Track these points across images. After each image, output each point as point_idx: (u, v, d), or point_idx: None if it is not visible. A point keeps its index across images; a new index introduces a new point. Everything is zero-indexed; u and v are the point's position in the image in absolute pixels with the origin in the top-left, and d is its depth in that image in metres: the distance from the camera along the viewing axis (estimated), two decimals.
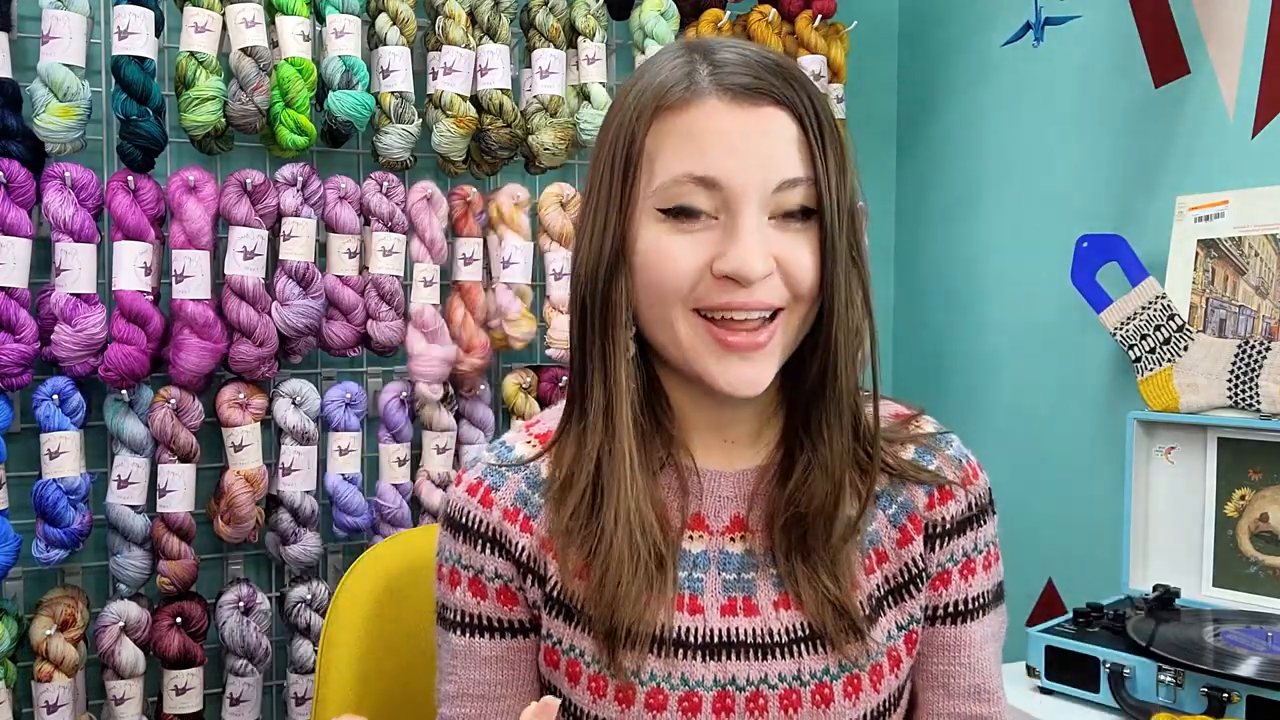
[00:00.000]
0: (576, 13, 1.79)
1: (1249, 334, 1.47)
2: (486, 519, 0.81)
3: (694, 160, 0.71)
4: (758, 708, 0.77)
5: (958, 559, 0.86)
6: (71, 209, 1.47)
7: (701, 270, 0.72)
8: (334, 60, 1.59)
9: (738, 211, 0.71)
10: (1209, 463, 1.49)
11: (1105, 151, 1.76)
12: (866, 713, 0.79)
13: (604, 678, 0.78)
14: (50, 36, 1.44)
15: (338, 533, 1.68)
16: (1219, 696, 1.16)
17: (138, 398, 1.56)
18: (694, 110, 0.72)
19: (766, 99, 0.72)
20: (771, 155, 0.71)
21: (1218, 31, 1.58)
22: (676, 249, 0.72)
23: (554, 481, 0.80)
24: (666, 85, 0.73)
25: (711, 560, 0.80)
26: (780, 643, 0.78)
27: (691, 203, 0.72)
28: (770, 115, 0.72)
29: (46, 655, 1.49)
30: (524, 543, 0.81)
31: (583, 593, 0.78)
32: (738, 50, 0.74)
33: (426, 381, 1.68)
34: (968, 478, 0.86)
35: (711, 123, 0.71)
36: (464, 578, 0.82)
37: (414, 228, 1.69)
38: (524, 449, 0.84)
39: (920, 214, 2.20)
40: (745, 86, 0.71)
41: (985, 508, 0.88)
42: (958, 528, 0.85)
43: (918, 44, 2.21)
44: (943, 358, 2.14)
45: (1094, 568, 1.77)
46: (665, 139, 0.72)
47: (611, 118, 0.77)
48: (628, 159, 0.73)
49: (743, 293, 0.72)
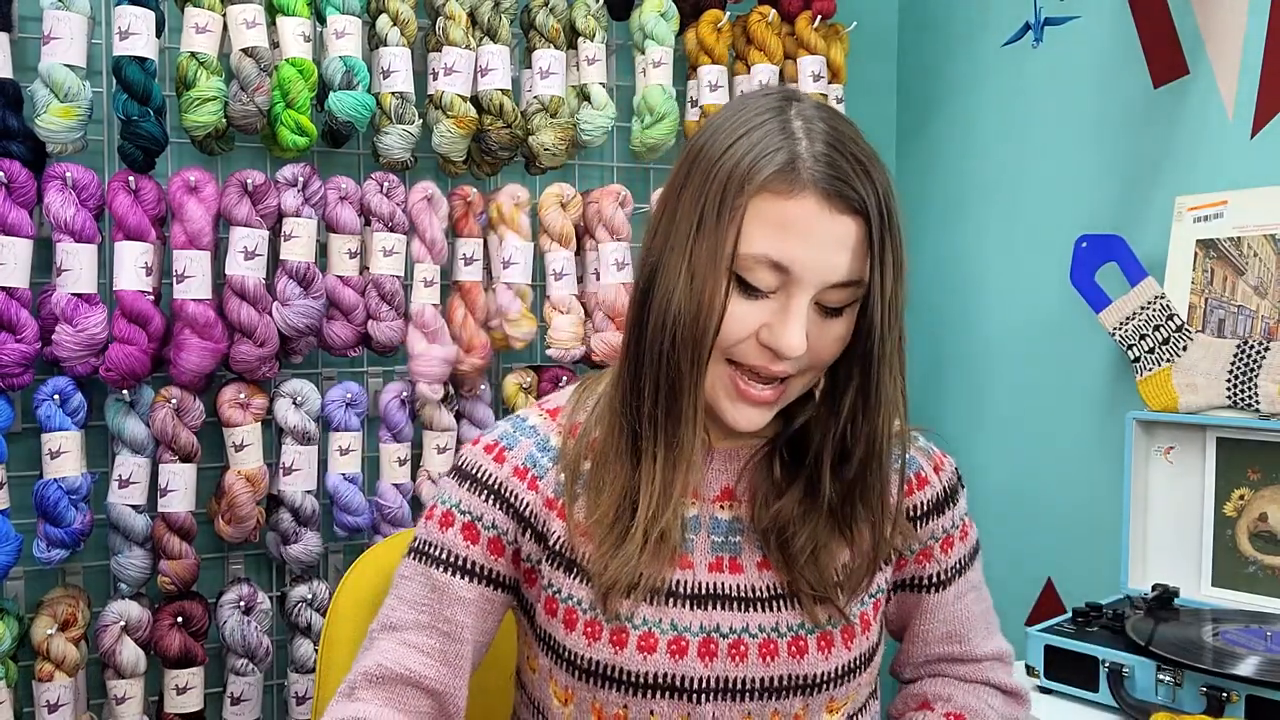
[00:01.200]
0: (576, 13, 1.79)
1: (1248, 334, 1.48)
2: (496, 474, 0.90)
3: (779, 248, 0.79)
4: (739, 654, 0.86)
5: (938, 536, 0.97)
6: (72, 209, 1.47)
7: (749, 333, 0.81)
8: (335, 61, 1.59)
9: (793, 295, 0.80)
10: (1208, 462, 1.49)
11: (1104, 151, 1.77)
12: (838, 666, 0.88)
13: (599, 623, 0.86)
14: (51, 37, 1.44)
15: (338, 532, 1.68)
16: (1218, 696, 1.17)
17: (139, 398, 1.56)
18: (792, 203, 0.78)
19: (850, 208, 0.79)
20: (836, 259, 0.79)
21: (1217, 32, 1.58)
22: (740, 312, 0.80)
23: (568, 449, 0.89)
24: (772, 165, 0.79)
25: (702, 525, 0.90)
26: (761, 598, 0.88)
27: (761, 280, 0.80)
28: (849, 224, 0.79)
29: (47, 655, 1.49)
30: (529, 499, 0.89)
31: (584, 547, 0.87)
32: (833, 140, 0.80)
33: (427, 381, 1.68)
34: (938, 465, 0.98)
35: (803, 221, 0.78)
36: (459, 521, 0.89)
37: (414, 228, 1.69)
38: (537, 420, 0.93)
39: (920, 214, 2.20)
40: (838, 193, 0.78)
41: (955, 486, 0.98)
42: (934, 509, 0.96)
43: (917, 44, 2.21)
44: (942, 358, 2.14)
45: (1093, 567, 1.77)
46: (760, 217, 0.79)
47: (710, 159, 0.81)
48: (719, 215, 0.79)
49: (774, 362, 0.82)
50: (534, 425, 0.93)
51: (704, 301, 0.79)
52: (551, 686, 0.90)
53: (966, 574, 0.99)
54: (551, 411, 0.94)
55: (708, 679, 0.85)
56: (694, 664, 0.85)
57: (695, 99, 1.92)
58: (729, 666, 0.86)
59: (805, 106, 0.83)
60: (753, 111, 0.83)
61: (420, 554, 0.91)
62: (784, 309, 0.80)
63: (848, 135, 0.81)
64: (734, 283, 0.80)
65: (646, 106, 1.80)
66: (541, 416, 0.93)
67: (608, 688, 0.86)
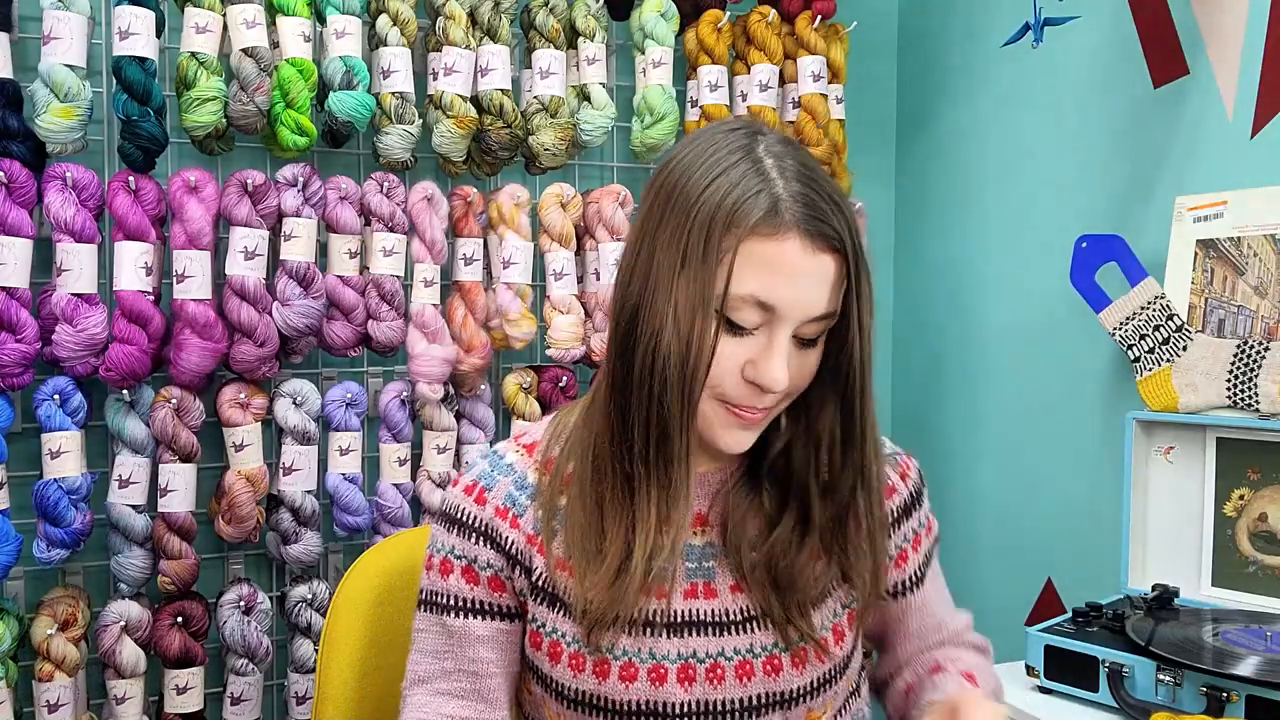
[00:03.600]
0: (576, 13, 1.79)
1: (1248, 334, 1.48)
2: (480, 515, 0.92)
3: (765, 288, 0.80)
4: (716, 677, 0.88)
5: (909, 538, 1.00)
6: (72, 209, 1.47)
7: (735, 371, 0.83)
8: (335, 61, 1.59)
9: (776, 331, 0.82)
10: (1208, 462, 1.49)
11: (1104, 152, 1.77)
12: (813, 680, 0.91)
13: (583, 655, 0.88)
14: (51, 37, 1.44)
15: (338, 532, 1.68)
16: (1218, 696, 1.16)
17: (139, 398, 1.56)
18: (778, 246, 0.80)
19: (829, 247, 0.81)
20: (819, 295, 0.82)
21: (1217, 32, 1.58)
22: (726, 350, 0.82)
23: (544, 487, 0.91)
24: (755, 210, 0.80)
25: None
26: (735, 621, 0.90)
27: (746, 319, 0.81)
28: (828, 262, 0.81)
29: (47, 655, 1.49)
30: (513, 537, 0.91)
31: (565, 581, 0.89)
32: (806, 176, 0.82)
33: (427, 381, 1.68)
34: (904, 472, 1.00)
35: (788, 262, 0.80)
36: (457, 566, 0.92)
37: (414, 228, 1.69)
38: (514, 457, 0.95)
39: (920, 214, 2.20)
40: (819, 234, 0.81)
41: (919, 487, 1.01)
42: (903, 514, 0.99)
43: (917, 44, 2.21)
44: (942, 358, 2.14)
45: (1093, 567, 1.77)
46: (748, 259, 0.80)
47: (685, 198, 0.82)
48: (704, 257, 0.80)
49: (759, 398, 0.84)
50: (511, 463, 0.94)
51: (693, 342, 0.81)
52: (546, 710, 0.93)
53: (932, 562, 1.03)
54: (528, 447, 0.95)
55: (688, 703, 0.88)
56: (674, 689, 0.87)
57: (695, 99, 1.92)
58: (707, 690, 0.88)
59: (771, 142, 0.84)
60: (723, 150, 0.83)
61: (430, 605, 0.94)
62: (768, 345, 0.82)
63: (816, 171, 0.84)
64: (720, 319, 0.81)
65: (646, 106, 1.80)
66: (518, 453, 0.95)
67: (595, 714, 0.89)
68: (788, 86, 1.98)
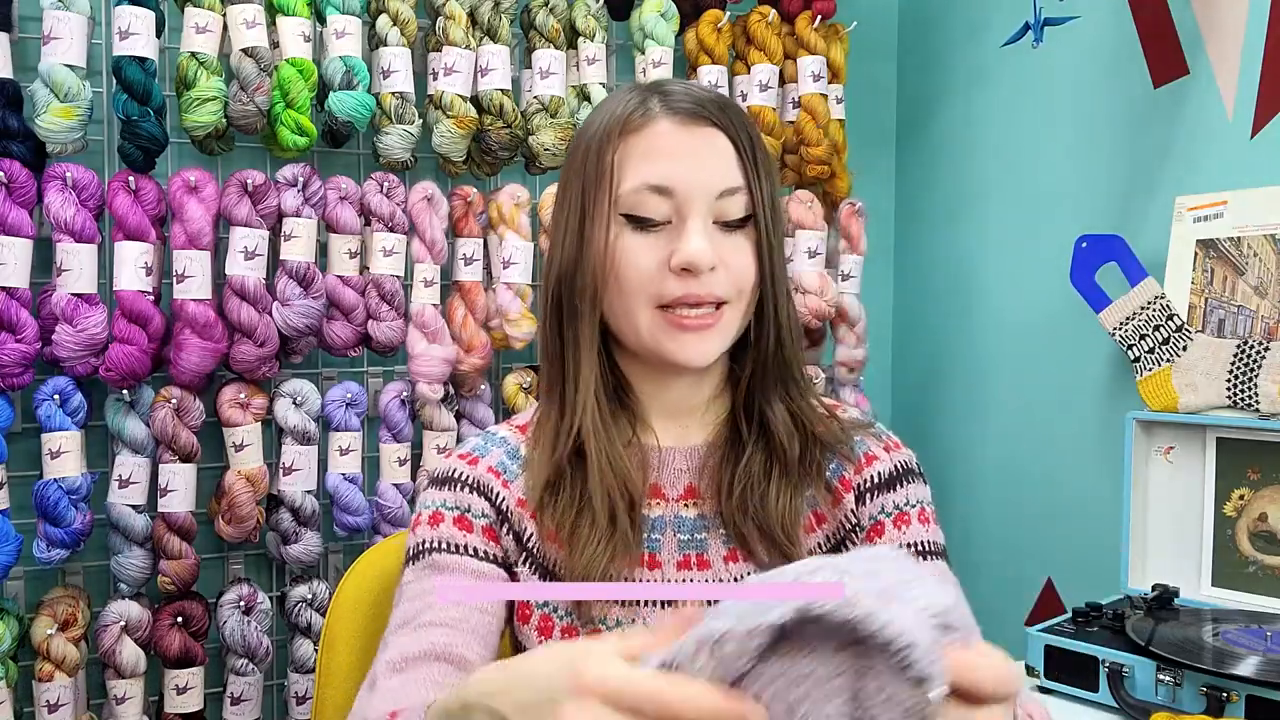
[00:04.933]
0: (576, 13, 1.79)
1: (1248, 334, 1.48)
2: (472, 473, 0.93)
3: (650, 171, 0.85)
4: None
5: (890, 512, 0.94)
6: (72, 209, 1.47)
7: (660, 267, 0.85)
8: (335, 61, 1.59)
9: (687, 215, 0.85)
10: (1208, 462, 1.49)
11: (1104, 152, 1.77)
12: None
13: (575, 628, 0.88)
14: (51, 37, 1.44)
15: (338, 532, 1.68)
16: (1218, 696, 1.16)
17: (139, 398, 1.56)
18: (649, 131, 0.86)
19: (706, 121, 0.86)
20: (714, 167, 0.85)
21: (1217, 32, 1.58)
22: (638, 248, 0.85)
23: (534, 458, 0.91)
24: (626, 112, 0.88)
25: (668, 524, 0.92)
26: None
27: (648, 209, 0.85)
28: (710, 134, 0.86)
29: (47, 655, 1.49)
30: (504, 495, 0.92)
31: (555, 554, 0.89)
32: (683, 85, 0.90)
33: (427, 381, 1.68)
34: (890, 446, 0.98)
35: (663, 141, 0.86)
36: (449, 516, 0.91)
37: (414, 228, 1.69)
38: (506, 432, 0.97)
39: (920, 214, 2.20)
40: (689, 111, 0.86)
41: (912, 470, 0.97)
42: (885, 484, 0.95)
43: (917, 44, 2.21)
44: (942, 358, 2.14)
45: (1093, 567, 1.77)
46: (627, 156, 0.86)
47: (579, 142, 0.91)
48: (597, 174, 0.87)
49: (695, 283, 0.84)
50: (504, 437, 0.97)
51: (594, 246, 0.85)
52: None
53: (930, 563, 0.95)
54: (520, 426, 0.98)
55: None
56: None
57: None
58: None
59: (673, 82, 0.91)
60: (615, 98, 0.91)
61: (417, 556, 0.90)
62: (681, 228, 0.85)
63: (702, 86, 0.90)
64: (628, 223, 0.85)
65: None
66: (511, 430, 0.98)
67: None
68: (788, 86, 1.98)
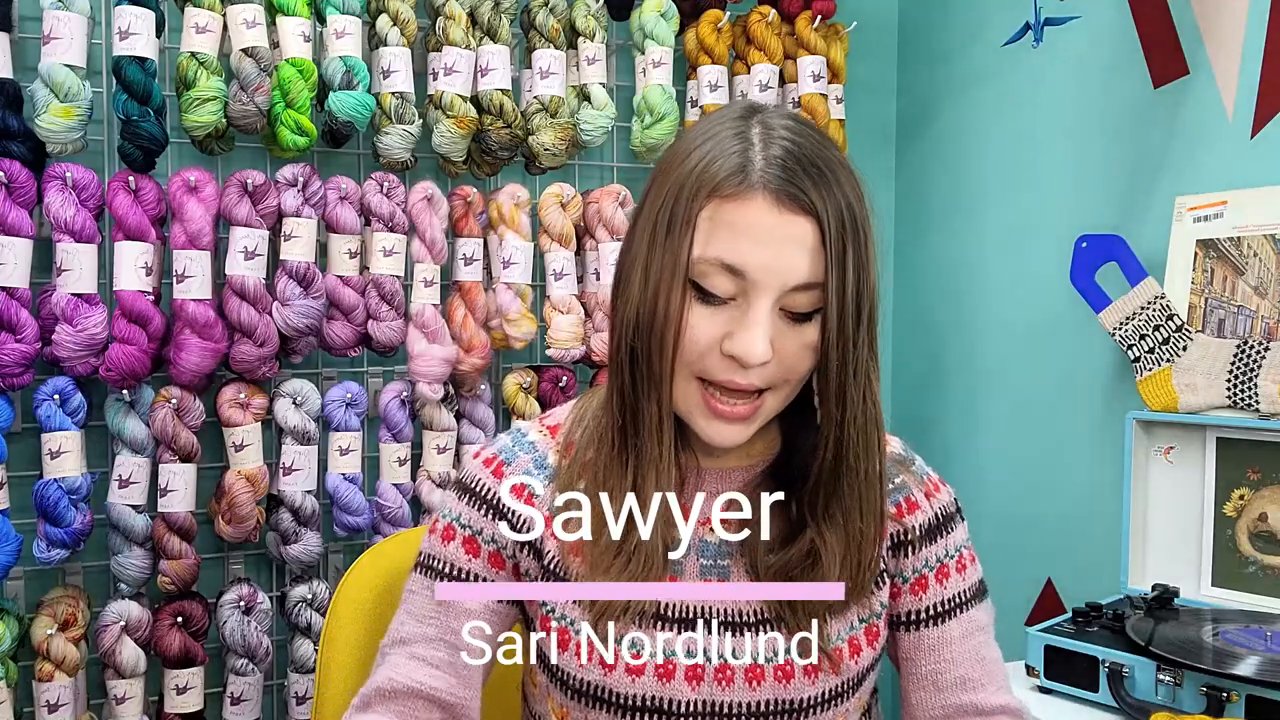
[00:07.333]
0: (576, 13, 1.79)
1: (1248, 334, 1.48)
2: (495, 489, 0.90)
3: (727, 250, 0.78)
4: (725, 679, 0.86)
5: (932, 565, 0.93)
6: (73, 209, 1.47)
7: (712, 343, 0.80)
8: (335, 61, 1.59)
9: (754, 300, 0.79)
10: (1208, 462, 1.49)
11: (1104, 152, 1.77)
12: (824, 691, 0.88)
13: (592, 644, 0.86)
14: (51, 37, 1.44)
15: (338, 532, 1.68)
16: (1218, 696, 1.16)
17: (139, 398, 1.56)
18: (739, 204, 0.78)
19: (799, 208, 0.78)
20: (793, 261, 0.78)
21: (1217, 32, 1.58)
22: (697, 320, 0.80)
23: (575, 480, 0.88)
24: (724, 171, 0.79)
25: (692, 547, 0.89)
26: (748, 623, 0.87)
27: (715, 286, 0.79)
28: (800, 224, 0.78)
29: (47, 655, 1.49)
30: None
31: (576, 568, 0.87)
32: (791, 139, 0.80)
33: (427, 381, 1.68)
34: (931, 491, 0.96)
35: (751, 219, 0.78)
36: (460, 535, 0.91)
37: (414, 228, 1.69)
38: (536, 436, 0.94)
39: (920, 214, 2.20)
40: (787, 193, 0.78)
41: (952, 515, 0.96)
42: (926, 535, 0.93)
43: (917, 44, 2.21)
44: (942, 358, 2.14)
45: (1093, 567, 1.77)
46: (711, 221, 0.79)
47: (670, 171, 0.82)
48: (683, 220, 0.79)
49: (740, 374, 0.80)
50: (533, 441, 0.93)
51: (661, 308, 0.79)
52: (549, 703, 0.91)
53: (970, 612, 0.94)
54: (552, 429, 0.94)
55: (694, 702, 0.85)
56: (681, 687, 0.85)
57: (695, 99, 1.92)
58: (715, 691, 0.86)
59: (772, 115, 0.82)
60: (716, 122, 0.83)
61: (425, 568, 0.92)
62: (744, 316, 0.79)
63: (811, 141, 0.80)
64: (692, 290, 0.79)
65: (646, 106, 1.80)
66: (541, 433, 0.94)
67: (599, 708, 0.86)
68: (788, 86, 1.98)
